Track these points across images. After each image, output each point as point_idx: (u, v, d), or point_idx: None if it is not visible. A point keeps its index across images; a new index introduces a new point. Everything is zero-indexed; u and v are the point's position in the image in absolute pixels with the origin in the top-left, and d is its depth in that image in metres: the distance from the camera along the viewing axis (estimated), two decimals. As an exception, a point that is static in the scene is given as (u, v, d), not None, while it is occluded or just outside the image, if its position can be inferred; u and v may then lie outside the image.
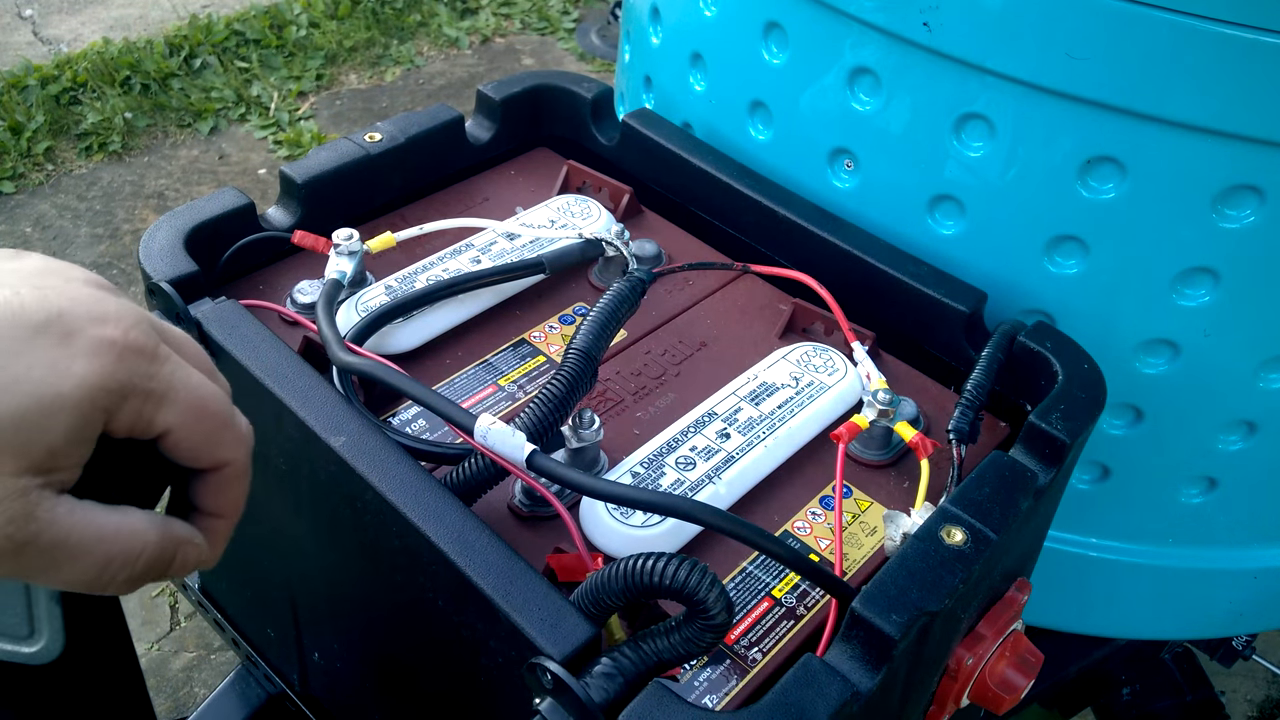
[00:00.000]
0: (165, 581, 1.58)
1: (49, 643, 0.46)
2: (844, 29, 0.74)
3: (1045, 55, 0.65)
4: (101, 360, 0.34)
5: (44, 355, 0.33)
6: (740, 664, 0.56)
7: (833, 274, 0.75)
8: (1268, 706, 1.58)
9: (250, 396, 0.63)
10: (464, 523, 0.54)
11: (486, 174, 0.89)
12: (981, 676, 0.59)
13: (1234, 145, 0.64)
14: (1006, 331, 0.70)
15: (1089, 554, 0.85)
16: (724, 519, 0.52)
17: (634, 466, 0.63)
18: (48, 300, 0.34)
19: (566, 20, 3.05)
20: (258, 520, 0.72)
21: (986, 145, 0.71)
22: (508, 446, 0.55)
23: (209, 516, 0.41)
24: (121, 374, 0.34)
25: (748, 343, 0.76)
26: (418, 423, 0.67)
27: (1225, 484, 0.81)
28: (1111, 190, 0.69)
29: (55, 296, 0.35)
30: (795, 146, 0.82)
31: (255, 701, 0.87)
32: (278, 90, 2.63)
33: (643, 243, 0.81)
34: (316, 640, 0.75)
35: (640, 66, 0.97)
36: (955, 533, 0.54)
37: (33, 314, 0.34)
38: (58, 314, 0.34)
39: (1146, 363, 0.75)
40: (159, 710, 0.87)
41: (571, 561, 0.57)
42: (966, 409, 0.66)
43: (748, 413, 0.67)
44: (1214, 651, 1.18)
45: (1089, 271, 0.72)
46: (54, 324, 0.34)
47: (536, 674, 0.49)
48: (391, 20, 2.93)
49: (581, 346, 0.62)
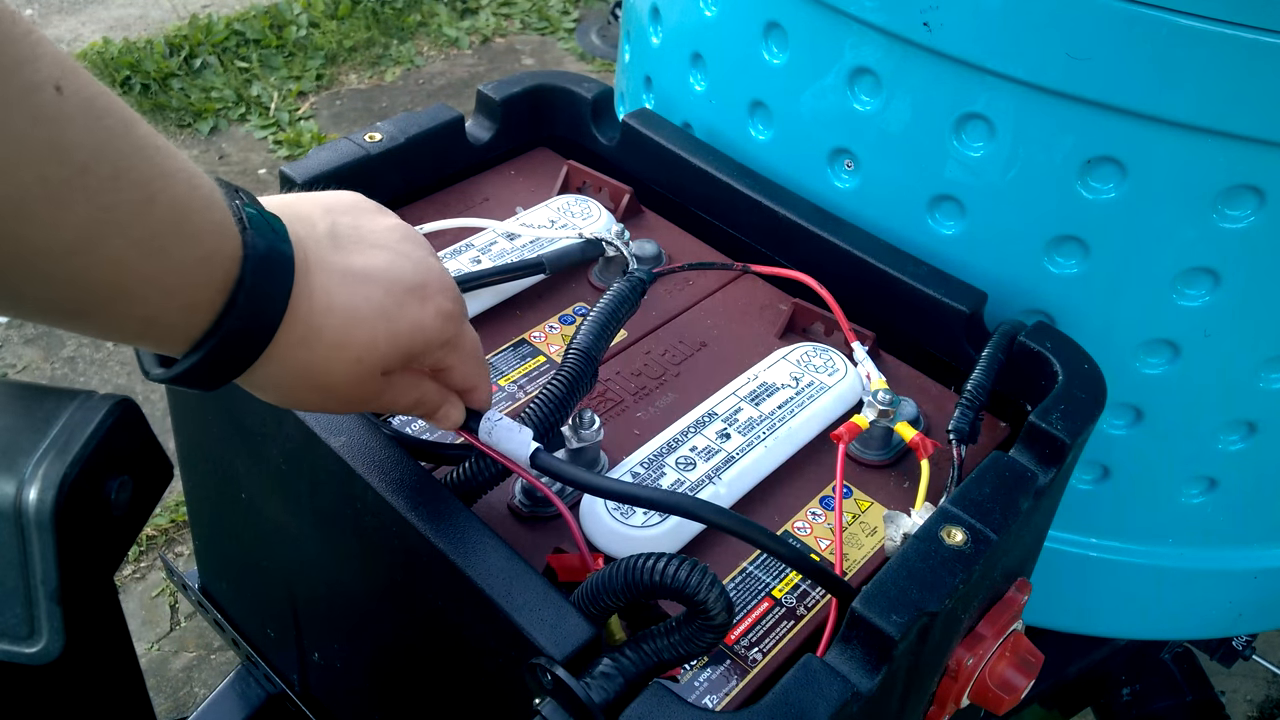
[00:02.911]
0: (168, 582, 1.58)
1: (49, 643, 0.47)
2: (844, 29, 0.74)
3: (1046, 55, 0.65)
4: (440, 323, 0.50)
5: (413, 310, 0.48)
6: (740, 664, 0.56)
7: (833, 274, 0.75)
8: (1268, 706, 1.58)
9: (250, 397, 0.63)
10: (464, 523, 0.54)
11: (486, 174, 0.89)
12: (981, 677, 0.59)
13: (1234, 145, 0.64)
14: (1006, 331, 0.70)
15: (1089, 554, 0.85)
16: (727, 517, 0.52)
17: (634, 467, 0.63)
18: (417, 269, 0.49)
19: (566, 20, 3.05)
20: (257, 520, 0.73)
21: (987, 145, 0.71)
22: (513, 442, 0.55)
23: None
24: (447, 333, 0.51)
25: (748, 343, 0.76)
26: (418, 423, 0.67)
27: (1225, 484, 0.81)
28: (1112, 190, 0.69)
29: (420, 267, 0.49)
30: (795, 146, 0.82)
31: (255, 701, 0.87)
32: (278, 90, 2.63)
33: (643, 243, 0.81)
34: (316, 640, 0.75)
35: (640, 66, 0.97)
36: (955, 533, 0.54)
37: (409, 279, 0.48)
38: (422, 283, 0.49)
39: (1146, 363, 0.75)
40: (159, 710, 0.87)
41: (572, 561, 0.57)
42: (967, 409, 0.66)
43: (748, 413, 0.67)
44: (1214, 651, 1.18)
45: (1089, 271, 0.72)
46: (419, 290, 0.49)
47: (536, 674, 0.49)
48: (391, 20, 2.93)
49: (582, 346, 0.62)
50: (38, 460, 0.51)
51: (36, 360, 1.89)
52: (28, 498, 0.50)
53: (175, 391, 0.75)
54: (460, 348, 0.52)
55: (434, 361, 0.52)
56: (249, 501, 0.72)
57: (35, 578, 0.50)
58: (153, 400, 1.80)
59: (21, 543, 0.50)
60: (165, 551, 1.63)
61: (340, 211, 0.49)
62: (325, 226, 0.47)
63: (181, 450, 0.81)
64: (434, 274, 0.50)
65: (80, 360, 1.90)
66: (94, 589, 0.56)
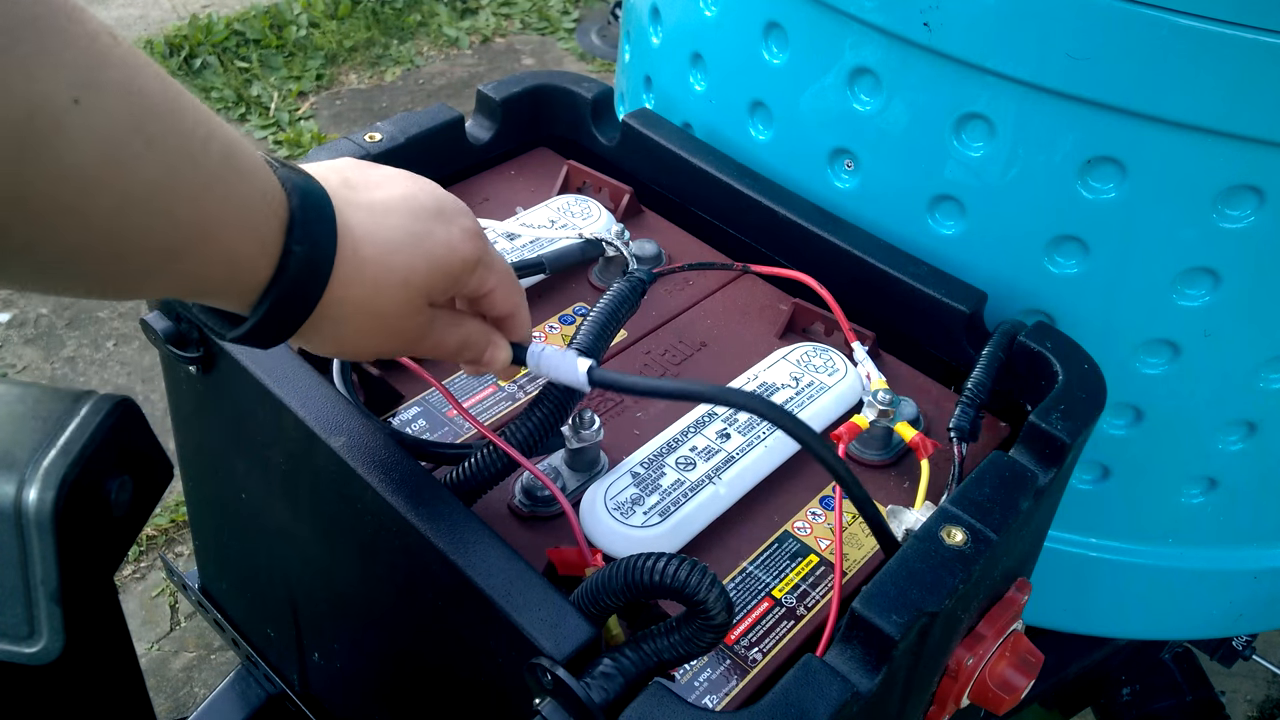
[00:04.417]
0: (169, 583, 1.58)
1: (49, 643, 0.47)
2: (844, 29, 0.74)
3: (1045, 55, 0.65)
4: (469, 241, 0.51)
5: (441, 231, 0.50)
6: (740, 664, 0.56)
7: (833, 274, 0.75)
8: (1268, 706, 1.58)
9: (251, 397, 0.63)
10: (464, 523, 0.54)
11: (486, 174, 0.89)
12: (982, 677, 0.59)
13: (1234, 145, 0.64)
14: (1007, 331, 0.70)
15: (1089, 554, 0.85)
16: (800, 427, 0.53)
17: (634, 467, 0.63)
18: (432, 196, 0.51)
19: (566, 20, 3.05)
20: (258, 520, 0.73)
21: (987, 145, 0.71)
22: (565, 364, 0.56)
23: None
24: (480, 250, 0.52)
25: (748, 343, 0.76)
26: (418, 423, 0.67)
27: (1225, 484, 0.81)
28: (1112, 190, 0.69)
29: (435, 194, 0.52)
30: (795, 146, 0.82)
31: (255, 701, 0.87)
32: (278, 90, 2.63)
33: (643, 243, 0.81)
34: (316, 640, 0.75)
35: (640, 66, 0.97)
36: (955, 533, 0.54)
37: (429, 205, 0.51)
38: (440, 207, 0.51)
39: (1146, 363, 0.75)
40: (159, 710, 0.87)
41: (571, 556, 0.57)
42: (967, 407, 0.66)
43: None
44: (1214, 651, 1.19)
45: (1089, 271, 0.72)
46: (440, 213, 0.51)
47: (536, 674, 0.49)
48: (391, 20, 2.93)
49: (582, 346, 0.62)
50: (38, 460, 0.51)
51: (36, 360, 1.89)
52: (28, 498, 0.50)
53: (175, 391, 0.75)
54: (494, 266, 0.54)
55: (475, 285, 0.53)
56: (249, 501, 0.72)
57: (35, 578, 0.50)
58: (153, 400, 1.80)
59: (21, 543, 0.50)
60: (165, 551, 1.63)
61: (343, 167, 0.51)
62: (337, 178, 0.49)
63: (181, 450, 0.81)
64: (448, 198, 0.52)
65: (80, 360, 1.90)
66: (94, 589, 0.56)
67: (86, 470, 0.52)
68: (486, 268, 0.53)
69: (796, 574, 0.61)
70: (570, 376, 0.56)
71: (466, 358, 0.55)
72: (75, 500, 0.51)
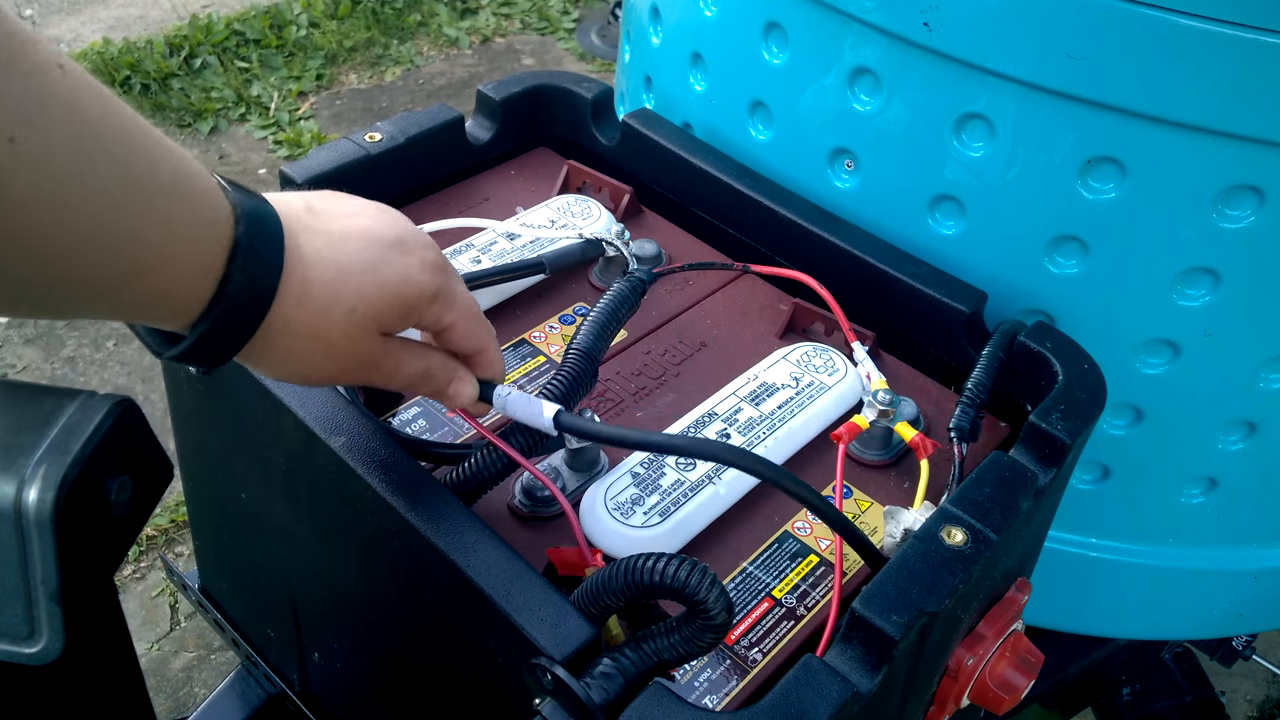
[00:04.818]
0: (168, 584, 1.58)
1: (49, 643, 0.47)
2: (844, 29, 0.74)
3: (1045, 55, 0.65)
4: (427, 273, 0.51)
5: (398, 260, 0.50)
6: (740, 664, 0.56)
7: (833, 274, 0.75)
8: (1268, 706, 1.58)
9: (250, 397, 0.63)
10: (464, 523, 0.54)
11: (486, 174, 0.89)
12: (982, 677, 0.59)
13: (1234, 145, 0.64)
14: (1007, 331, 0.70)
15: (1089, 554, 0.85)
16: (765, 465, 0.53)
17: (634, 467, 0.63)
18: (395, 227, 0.51)
19: (566, 20, 3.05)
20: (258, 520, 0.73)
21: (987, 145, 0.71)
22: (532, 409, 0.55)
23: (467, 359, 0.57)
24: (439, 284, 0.52)
25: (748, 343, 0.76)
26: (418, 423, 0.67)
27: (1225, 484, 0.81)
28: (1112, 190, 0.69)
29: (398, 225, 0.51)
30: (795, 146, 0.82)
31: (255, 701, 0.87)
32: (278, 90, 2.62)
33: (643, 243, 0.81)
34: (316, 640, 0.75)
35: (640, 66, 0.97)
36: (955, 533, 0.54)
37: (389, 235, 0.50)
38: (401, 239, 0.51)
39: (1146, 363, 0.75)
40: (159, 710, 0.87)
41: (571, 556, 0.57)
42: (967, 407, 0.66)
43: (748, 413, 0.67)
44: (1214, 651, 1.18)
45: (1089, 271, 0.72)
46: (400, 244, 0.50)
47: (537, 674, 0.49)
48: (391, 20, 2.93)
49: (582, 346, 0.62)
50: (38, 460, 0.51)
51: (36, 360, 1.89)
52: (28, 498, 0.49)
53: (175, 391, 0.75)
54: (454, 302, 0.53)
55: (433, 318, 0.52)
56: (249, 501, 0.72)
57: (35, 578, 0.50)
58: (153, 400, 1.80)
59: (21, 543, 0.50)
60: (165, 551, 1.63)
61: (315, 195, 0.52)
62: (301, 204, 0.49)
63: (181, 450, 0.81)
64: (411, 231, 0.52)
65: (80, 360, 1.90)
66: (94, 589, 0.56)
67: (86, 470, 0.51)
68: (445, 302, 0.52)
69: (796, 574, 0.61)
70: (536, 422, 0.56)
71: (427, 390, 0.55)
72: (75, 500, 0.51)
